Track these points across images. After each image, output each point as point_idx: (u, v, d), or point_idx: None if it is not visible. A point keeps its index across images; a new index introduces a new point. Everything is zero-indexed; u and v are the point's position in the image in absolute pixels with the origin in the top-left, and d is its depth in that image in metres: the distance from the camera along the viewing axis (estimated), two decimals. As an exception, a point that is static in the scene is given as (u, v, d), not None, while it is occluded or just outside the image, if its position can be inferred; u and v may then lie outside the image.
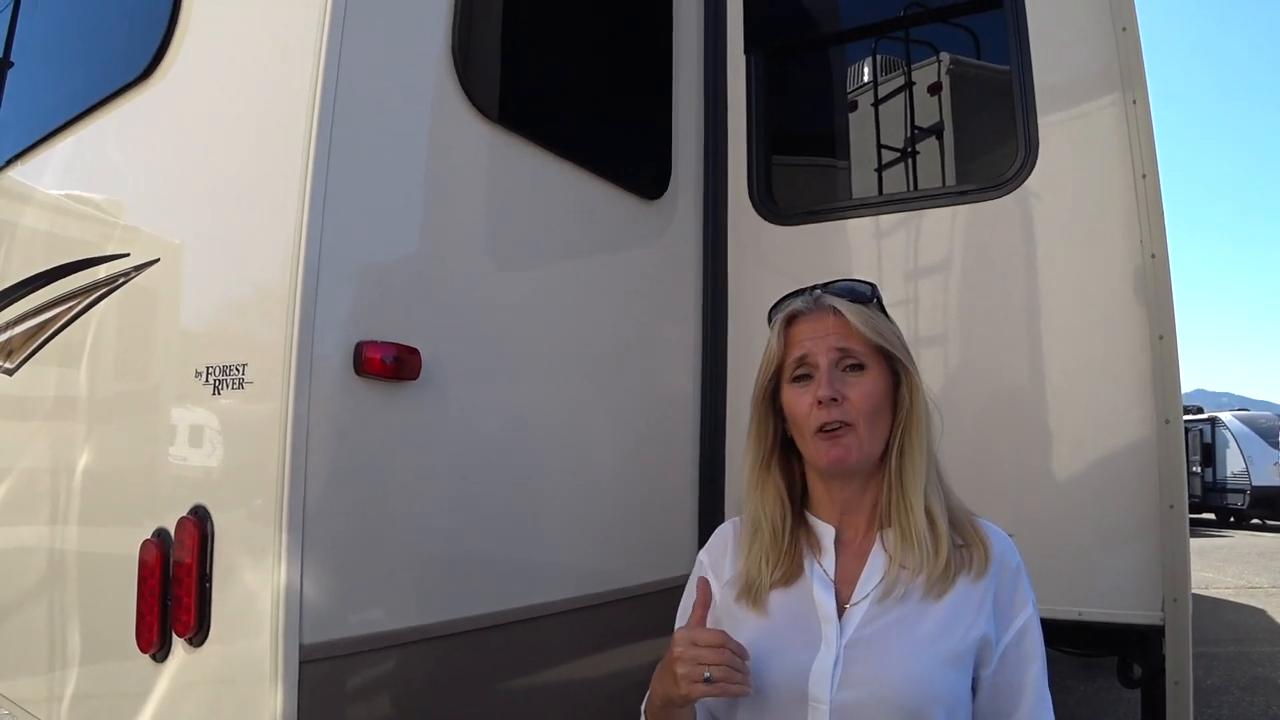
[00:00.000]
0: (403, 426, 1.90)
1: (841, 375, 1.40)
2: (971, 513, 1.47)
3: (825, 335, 1.42)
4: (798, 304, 1.47)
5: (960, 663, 1.32)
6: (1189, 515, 4.38)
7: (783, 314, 1.48)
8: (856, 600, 1.38)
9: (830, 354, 1.40)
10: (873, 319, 1.44)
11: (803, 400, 1.41)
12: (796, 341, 1.44)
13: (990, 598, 1.36)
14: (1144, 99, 2.49)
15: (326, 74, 1.78)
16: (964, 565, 1.37)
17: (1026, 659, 1.36)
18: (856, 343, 1.41)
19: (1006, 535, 1.45)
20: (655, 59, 2.86)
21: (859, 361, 1.41)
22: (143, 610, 1.88)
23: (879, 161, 3.09)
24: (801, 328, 1.45)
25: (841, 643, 1.34)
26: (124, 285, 2.22)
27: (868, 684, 1.30)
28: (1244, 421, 22.09)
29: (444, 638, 1.93)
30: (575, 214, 2.48)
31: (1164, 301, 2.42)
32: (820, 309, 1.44)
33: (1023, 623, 1.37)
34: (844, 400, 1.38)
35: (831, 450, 1.39)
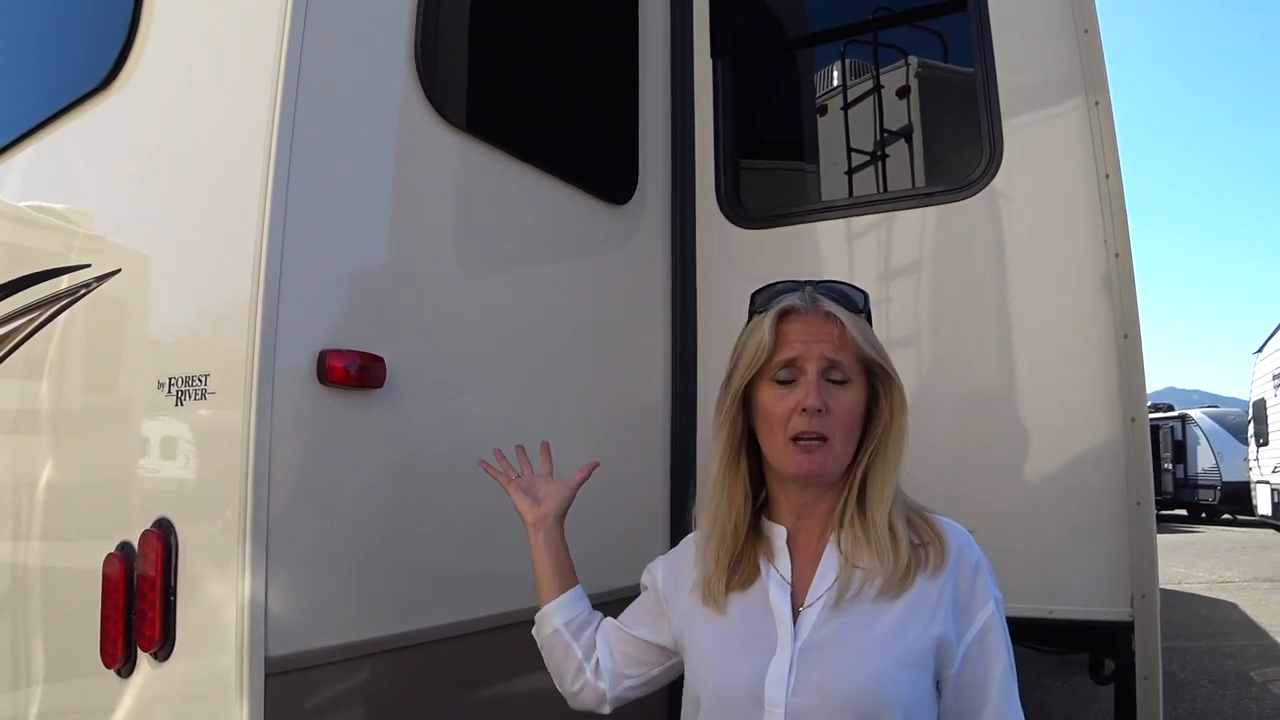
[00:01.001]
0: (368, 435, 1.89)
1: (826, 386, 1.38)
2: (926, 509, 1.46)
3: (819, 341, 1.39)
4: (794, 301, 1.43)
5: (918, 663, 1.32)
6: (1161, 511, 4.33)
7: (776, 308, 1.43)
8: (810, 603, 1.38)
9: (819, 362, 1.38)
10: (866, 331, 1.42)
11: (783, 403, 1.39)
12: (787, 341, 1.40)
13: (949, 596, 1.35)
14: (1106, 100, 2.52)
15: (287, 81, 1.76)
16: (921, 564, 1.37)
17: (991, 656, 1.36)
18: (847, 355, 1.39)
19: (965, 530, 1.44)
20: (621, 64, 2.86)
21: (844, 376, 1.39)
22: (107, 625, 1.85)
23: (848, 164, 3.10)
24: (795, 327, 1.41)
25: (796, 646, 1.34)
26: (86, 296, 2.19)
27: (822, 688, 1.31)
28: (1214, 418, 22.37)
29: (412, 648, 1.91)
30: (541, 220, 2.48)
31: (1128, 300, 2.44)
32: (817, 312, 1.41)
33: (985, 620, 1.36)
34: (826, 411, 1.36)
35: (805, 462, 1.38)
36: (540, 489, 1.79)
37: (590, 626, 1.66)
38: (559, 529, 1.74)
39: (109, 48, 2.22)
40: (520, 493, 1.77)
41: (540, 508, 1.74)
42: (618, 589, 2.44)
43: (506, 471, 1.81)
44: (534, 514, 1.73)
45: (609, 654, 1.61)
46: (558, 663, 1.64)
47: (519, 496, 1.76)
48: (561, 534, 1.74)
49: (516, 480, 1.81)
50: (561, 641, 1.63)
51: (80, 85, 2.30)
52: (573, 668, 1.61)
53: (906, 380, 2.71)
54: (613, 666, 1.60)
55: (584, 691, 1.61)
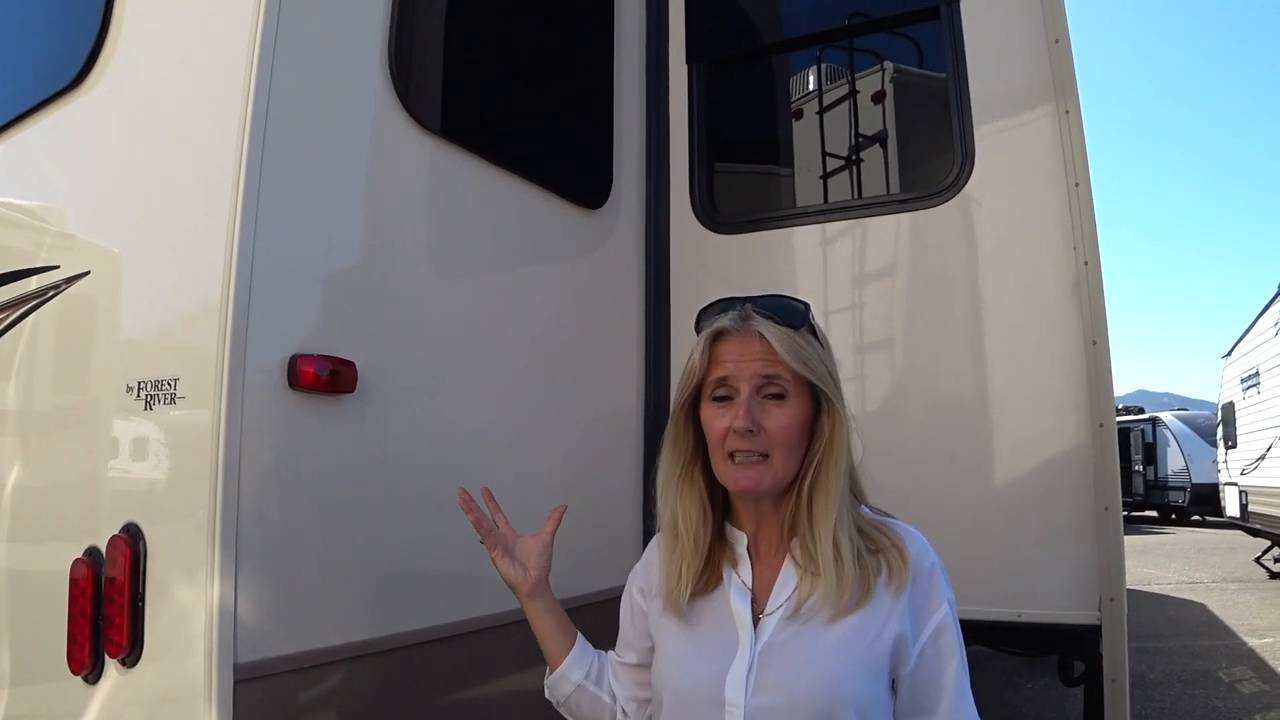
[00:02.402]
0: (339, 440, 1.88)
1: (761, 403, 1.38)
2: (883, 515, 1.48)
3: (750, 360, 1.39)
4: (725, 321, 1.43)
5: (873, 664, 1.34)
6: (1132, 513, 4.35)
7: (709, 329, 1.44)
8: (771, 609, 1.40)
9: (753, 380, 1.38)
10: (800, 348, 1.40)
11: (719, 421, 1.40)
12: (719, 361, 1.42)
13: (906, 601, 1.37)
14: (1076, 109, 2.55)
15: (259, 84, 1.75)
16: (880, 572, 1.38)
17: (945, 657, 1.38)
18: (780, 371, 1.39)
19: (920, 534, 1.45)
20: (596, 68, 2.86)
21: (780, 391, 1.39)
22: (74, 631, 1.83)
23: (823, 170, 3.12)
24: (727, 347, 1.42)
25: (756, 649, 1.36)
26: (54, 298, 2.16)
27: (779, 689, 1.32)
28: (1184, 421, 22.64)
29: (384, 653, 1.90)
30: (515, 224, 2.47)
31: (1097, 308, 2.48)
32: (748, 331, 1.41)
33: (939, 621, 1.38)
34: (760, 430, 1.37)
35: (741, 479, 1.39)
36: (519, 548, 1.68)
37: (605, 668, 1.64)
38: (549, 587, 1.67)
39: (79, 47, 2.20)
40: (505, 559, 1.64)
41: (531, 574, 1.64)
42: (591, 593, 2.45)
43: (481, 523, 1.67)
44: (527, 582, 1.64)
45: (625, 689, 1.61)
46: (588, 715, 1.62)
47: (507, 565, 1.64)
48: (550, 591, 1.67)
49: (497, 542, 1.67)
50: (588, 695, 1.61)
51: (50, 84, 2.28)
52: (606, 715, 1.61)
53: (877, 385, 2.76)
54: (632, 696, 1.60)
55: None
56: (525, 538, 1.69)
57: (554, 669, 1.62)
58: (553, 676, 1.62)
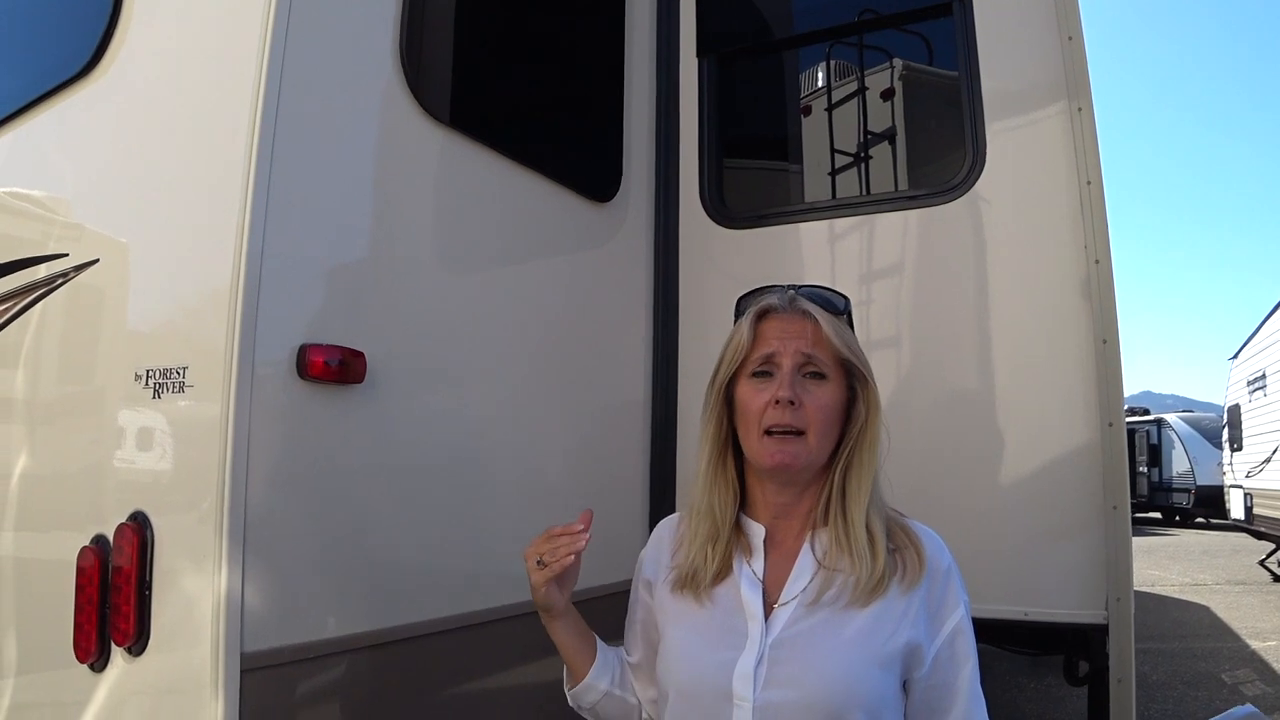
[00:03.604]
0: (348, 431, 1.87)
1: (802, 381, 1.40)
2: (901, 514, 1.48)
3: (795, 338, 1.42)
4: (773, 300, 1.47)
5: (885, 665, 1.33)
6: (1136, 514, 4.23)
7: (755, 307, 1.47)
8: (784, 601, 1.40)
9: (796, 357, 1.41)
10: (843, 331, 1.45)
11: (759, 397, 1.41)
12: (765, 338, 1.44)
13: (919, 601, 1.37)
14: (1089, 107, 2.53)
15: (270, 74, 1.75)
16: (896, 570, 1.38)
17: (959, 660, 1.38)
18: (823, 352, 1.42)
19: (937, 535, 1.46)
20: (607, 62, 2.85)
21: (821, 371, 1.41)
22: (80, 619, 1.83)
23: (832, 166, 3.11)
24: (772, 325, 1.45)
25: (766, 643, 1.36)
26: (63, 285, 2.16)
27: (791, 684, 1.32)
28: (1189, 423, 22.59)
29: (391, 644, 1.90)
30: (525, 216, 2.47)
31: (1108, 306, 2.46)
32: (794, 311, 1.45)
33: (954, 624, 1.39)
34: (800, 406, 1.39)
35: (777, 453, 1.39)
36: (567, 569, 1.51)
37: (626, 669, 1.62)
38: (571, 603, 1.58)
39: (90, 35, 2.19)
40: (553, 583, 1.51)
41: (567, 593, 1.55)
42: (597, 586, 2.44)
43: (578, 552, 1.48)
44: (560, 602, 1.54)
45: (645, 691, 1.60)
46: (615, 717, 1.60)
47: (552, 589, 1.51)
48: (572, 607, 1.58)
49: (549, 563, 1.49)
50: (615, 699, 1.58)
51: (60, 73, 2.27)
52: (635, 715, 1.60)
53: (885, 382, 2.74)
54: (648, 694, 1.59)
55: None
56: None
57: (579, 680, 1.57)
58: (579, 687, 1.58)
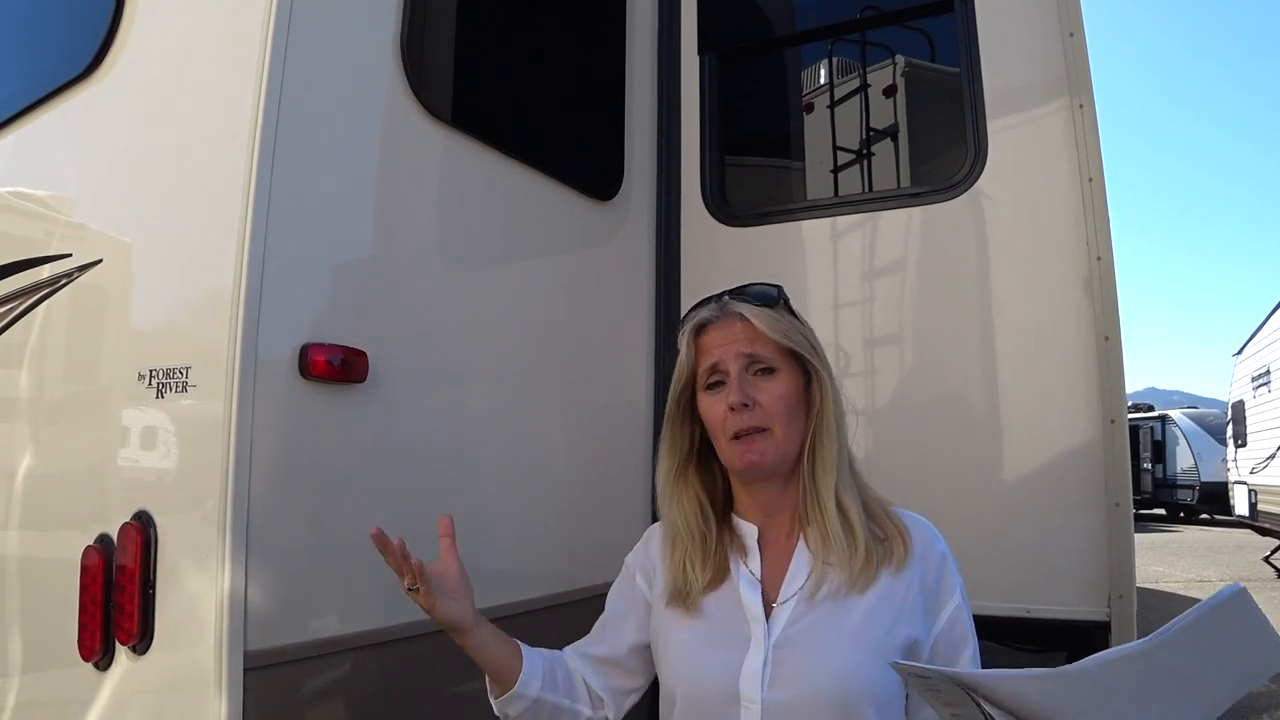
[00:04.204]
0: (350, 430, 1.88)
1: (752, 380, 1.42)
2: (888, 503, 1.49)
3: (733, 342, 1.43)
4: (705, 313, 1.49)
5: (889, 654, 1.34)
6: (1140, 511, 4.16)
7: (691, 324, 1.50)
8: (784, 599, 1.40)
9: (739, 360, 1.42)
10: (779, 321, 1.45)
11: (717, 406, 1.43)
12: (706, 350, 1.46)
13: (916, 589, 1.38)
14: (1090, 103, 2.53)
15: (272, 73, 1.75)
16: (886, 558, 1.39)
17: (959, 645, 1.40)
18: (765, 347, 1.43)
19: (927, 522, 1.47)
20: (609, 60, 2.85)
21: (769, 365, 1.43)
22: (84, 618, 1.83)
23: (834, 163, 3.11)
24: (711, 336, 1.47)
25: (770, 642, 1.36)
26: (67, 286, 2.17)
27: (798, 682, 1.32)
28: (1193, 419, 22.54)
29: (394, 642, 1.91)
30: (526, 215, 2.47)
31: (1110, 303, 2.46)
32: (727, 316, 1.46)
33: (952, 610, 1.40)
34: (755, 405, 1.40)
35: (746, 455, 1.41)
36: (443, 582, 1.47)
37: (559, 667, 1.54)
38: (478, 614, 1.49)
39: (93, 35, 2.20)
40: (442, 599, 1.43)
41: (464, 604, 1.46)
42: (599, 585, 2.45)
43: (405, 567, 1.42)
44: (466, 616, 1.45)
45: (602, 680, 1.55)
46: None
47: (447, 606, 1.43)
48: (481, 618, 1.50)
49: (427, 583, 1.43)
50: (548, 705, 1.50)
51: (63, 73, 2.28)
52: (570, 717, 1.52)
53: (887, 379, 2.75)
54: (609, 685, 1.55)
55: None
56: (436, 567, 1.48)
57: (506, 689, 1.48)
58: (505, 696, 1.48)
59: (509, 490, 2.31)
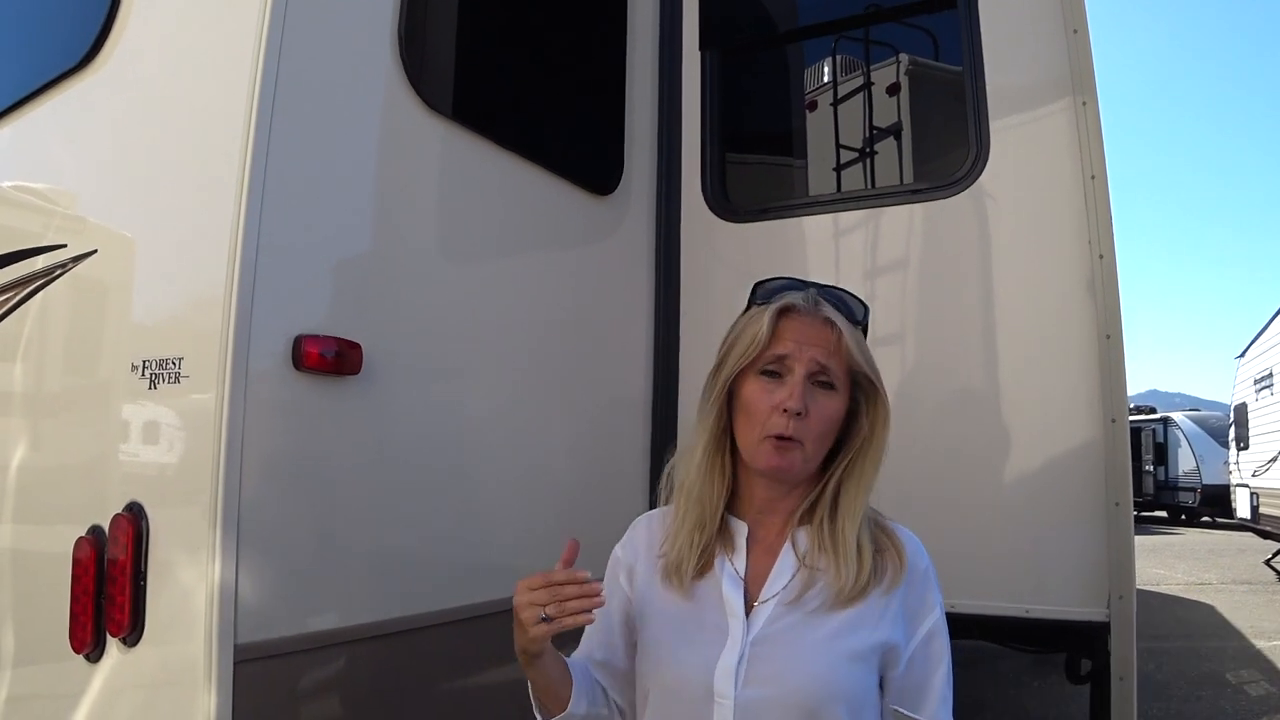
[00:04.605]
0: (343, 422, 1.87)
1: (811, 390, 1.37)
2: (879, 514, 1.47)
3: (813, 344, 1.38)
4: (795, 298, 1.42)
5: (865, 660, 1.33)
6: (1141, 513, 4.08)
7: (777, 304, 1.42)
8: (765, 599, 1.38)
9: (810, 365, 1.37)
10: (862, 345, 1.41)
11: (767, 398, 1.38)
12: (781, 338, 1.39)
13: (899, 603, 1.37)
14: (1093, 101, 2.51)
15: (267, 64, 1.74)
16: (877, 574, 1.37)
17: (934, 661, 1.38)
18: (838, 363, 1.38)
19: (915, 537, 1.45)
20: (609, 53, 2.84)
21: (831, 382, 1.38)
22: (76, 609, 1.82)
23: (836, 160, 3.09)
24: (792, 325, 1.40)
25: (747, 640, 1.34)
26: (61, 276, 2.16)
27: (771, 681, 1.31)
28: (1195, 421, 22.51)
29: (387, 636, 1.90)
30: (524, 208, 2.46)
31: (1111, 302, 2.44)
32: (817, 315, 1.40)
33: (930, 625, 1.38)
34: (806, 416, 1.36)
35: (775, 459, 1.37)
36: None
37: (591, 678, 1.51)
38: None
39: (89, 26, 2.19)
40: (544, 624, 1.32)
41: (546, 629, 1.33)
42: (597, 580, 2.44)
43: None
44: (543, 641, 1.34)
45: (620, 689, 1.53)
46: None
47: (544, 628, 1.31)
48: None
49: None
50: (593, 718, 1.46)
51: (59, 64, 2.27)
52: None
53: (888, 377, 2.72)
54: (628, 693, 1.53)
55: None
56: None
57: (559, 710, 1.43)
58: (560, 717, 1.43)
59: (507, 485, 2.30)
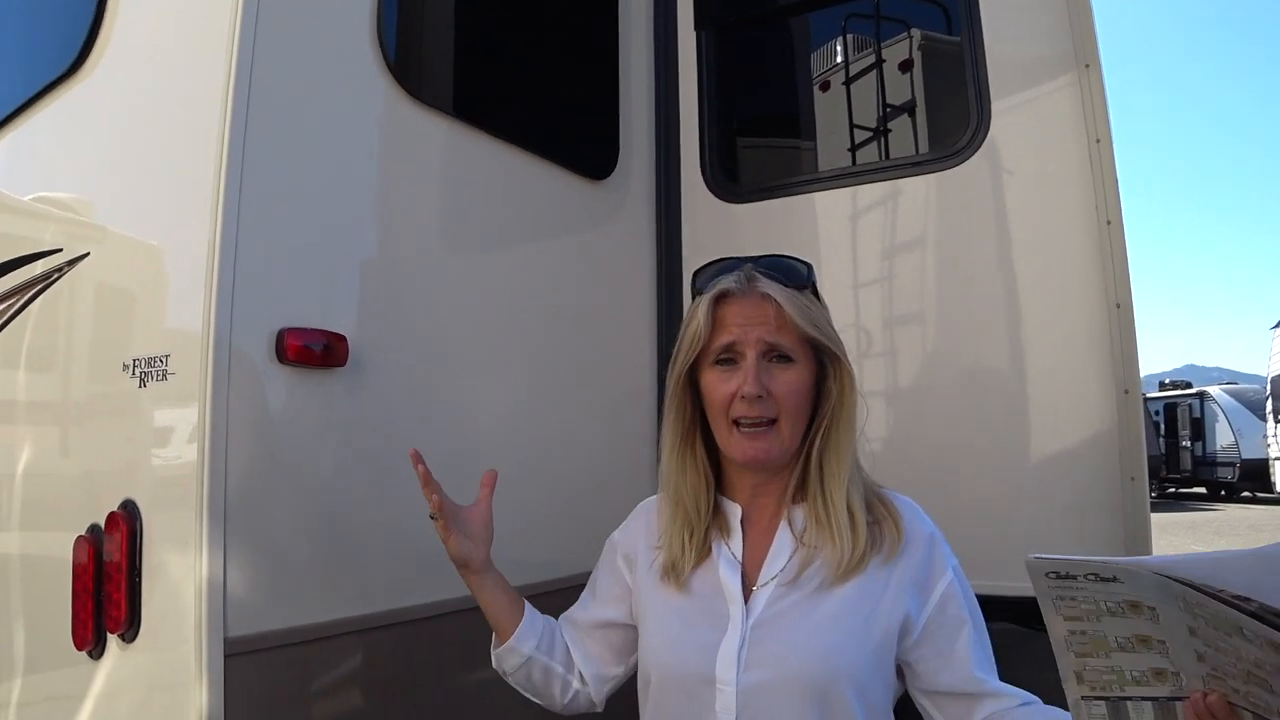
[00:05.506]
0: (330, 415, 1.86)
1: (768, 368, 1.35)
2: (878, 486, 1.44)
3: (757, 324, 1.35)
4: (728, 282, 1.39)
5: (870, 639, 1.30)
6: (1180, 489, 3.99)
7: (712, 292, 1.39)
8: (764, 582, 1.37)
9: (759, 345, 1.34)
10: (809, 309, 1.37)
11: (724, 387, 1.36)
12: (724, 325, 1.37)
13: (901, 571, 1.34)
14: (1096, 63, 2.45)
15: (240, 57, 1.73)
16: (875, 544, 1.34)
17: (954, 625, 1.35)
18: (788, 336, 1.35)
19: (914, 503, 1.42)
20: (601, 35, 2.80)
21: (787, 354, 1.35)
22: (76, 606, 1.84)
23: (833, 136, 3.04)
24: (731, 310, 1.37)
25: (748, 624, 1.32)
26: (57, 280, 2.18)
27: (772, 665, 1.29)
28: (1233, 395, 22.17)
29: (379, 629, 1.89)
30: (513, 195, 2.43)
31: (1120, 269, 2.39)
32: (753, 293, 1.37)
33: (944, 589, 1.35)
34: (768, 396, 1.33)
35: (750, 449, 1.35)
36: (467, 523, 1.56)
37: (555, 634, 1.58)
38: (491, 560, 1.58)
39: (76, 33, 2.20)
40: (457, 535, 1.52)
41: (481, 549, 1.55)
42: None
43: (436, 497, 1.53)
44: (479, 558, 1.54)
45: (585, 657, 1.56)
46: (540, 686, 1.55)
47: (459, 541, 1.52)
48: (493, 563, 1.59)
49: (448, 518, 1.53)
50: (539, 665, 1.53)
51: (50, 72, 2.29)
52: (559, 685, 1.55)
53: (890, 353, 2.69)
54: (593, 669, 1.56)
55: (575, 700, 1.56)
56: (465, 508, 1.58)
57: (503, 641, 1.54)
58: (502, 649, 1.54)
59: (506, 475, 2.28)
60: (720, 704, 1.30)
